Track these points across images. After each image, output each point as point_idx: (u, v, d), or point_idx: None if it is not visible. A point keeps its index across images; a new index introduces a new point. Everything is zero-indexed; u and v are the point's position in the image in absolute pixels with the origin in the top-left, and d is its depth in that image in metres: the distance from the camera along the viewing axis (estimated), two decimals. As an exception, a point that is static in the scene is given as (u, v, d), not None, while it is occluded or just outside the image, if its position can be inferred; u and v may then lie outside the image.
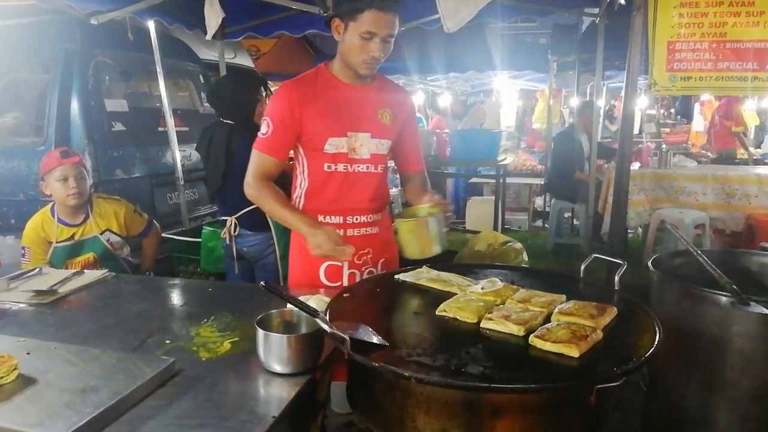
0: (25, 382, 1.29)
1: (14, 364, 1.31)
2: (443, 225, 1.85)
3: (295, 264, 2.12)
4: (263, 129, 1.94)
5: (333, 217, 2.01)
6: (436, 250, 1.82)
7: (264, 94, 3.04)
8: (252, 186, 1.94)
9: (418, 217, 1.86)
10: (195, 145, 3.15)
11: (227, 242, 2.99)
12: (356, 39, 1.78)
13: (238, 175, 2.92)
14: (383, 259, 2.10)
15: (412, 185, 2.19)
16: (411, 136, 2.11)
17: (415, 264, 1.93)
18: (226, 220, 2.98)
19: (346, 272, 2.03)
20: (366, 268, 2.07)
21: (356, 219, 2.02)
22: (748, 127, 8.10)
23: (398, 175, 4.65)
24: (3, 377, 1.27)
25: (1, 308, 1.91)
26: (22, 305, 1.93)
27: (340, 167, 1.95)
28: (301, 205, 2.04)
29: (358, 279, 2.03)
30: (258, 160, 1.95)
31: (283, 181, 2.09)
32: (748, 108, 8.30)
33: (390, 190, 4.27)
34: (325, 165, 1.95)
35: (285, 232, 3.04)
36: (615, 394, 1.30)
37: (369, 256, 2.06)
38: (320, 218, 1.99)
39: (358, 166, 1.96)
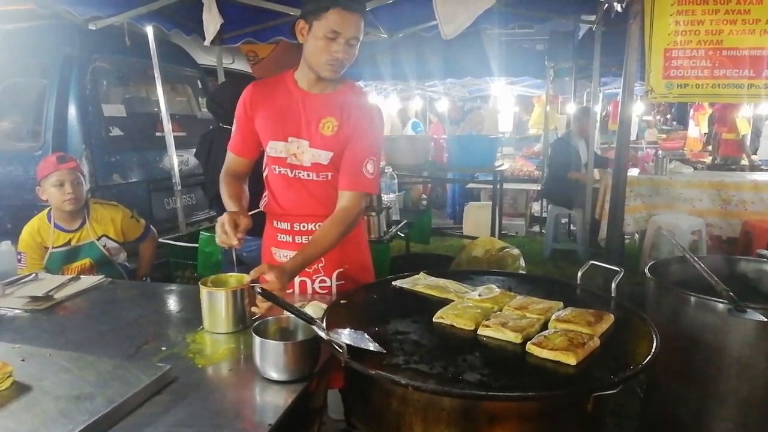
0: (20, 389, 1.28)
1: (9, 371, 1.30)
2: (247, 301, 1.71)
3: None
4: (233, 129, 2.04)
5: (281, 222, 2.02)
6: (222, 328, 1.68)
7: None
8: (220, 181, 2.01)
9: (212, 287, 1.72)
10: (192, 149, 3.15)
11: (227, 248, 2.98)
12: (320, 40, 1.74)
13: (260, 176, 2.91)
14: (340, 270, 2.02)
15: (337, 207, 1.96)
16: (352, 152, 1.91)
17: (412, 270, 1.93)
18: None
19: (296, 279, 1.98)
20: (317, 277, 2.01)
21: (303, 226, 1.98)
22: (740, 134, 8.14)
23: (395, 182, 4.64)
24: (-2, 384, 1.27)
25: (-3, 314, 1.90)
26: (17, 311, 1.92)
27: (283, 171, 1.95)
28: (264, 203, 2.09)
29: (308, 287, 2.02)
30: (227, 159, 2.05)
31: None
32: (741, 115, 8.34)
33: (387, 196, 4.29)
34: (271, 166, 1.98)
35: None
36: (612, 400, 1.30)
37: (320, 264, 1.98)
38: (273, 223, 2.05)
39: (300, 173, 1.93)
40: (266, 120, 1.93)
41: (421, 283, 1.84)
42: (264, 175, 2.05)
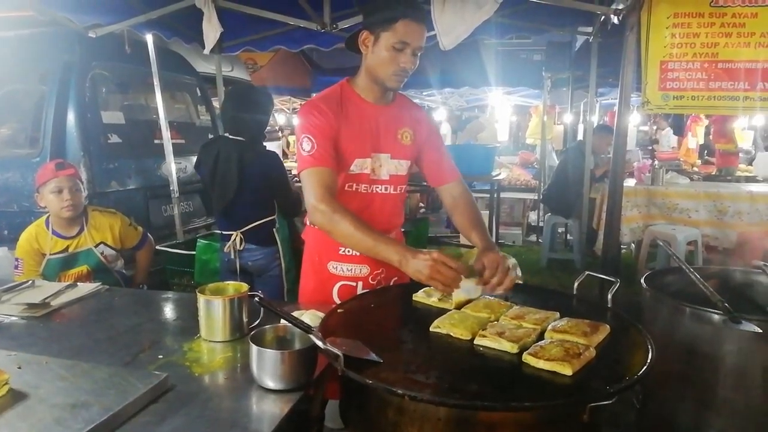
0: (16, 397, 1.28)
1: (5, 379, 1.29)
2: (244, 309, 1.70)
3: (308, 281, 2.07)
4: (306, 147, 1.78)
5: None
6: (219, 336, 1.68)
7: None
8: (320, 210, 1.72)
9: (209, 295, 1.72)
10: (191, 157, 3.14)
11: (231, 256, 2.99)
12: (387, 50, 1.74)
13: (249, 191, 2.93)
14: (396, 278, 2.03)
15: (453, 201, 2.05)
16: (436, 149, 2.04)
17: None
18: (228, 234, 2.98)
19: (359, 291, 1.98)
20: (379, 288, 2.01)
21: None
22: (737, 146, 8.19)
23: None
24: (-6, 392, 1.26)
25: (-7, 321, 1.90)
26: (14, 318, 1.92)
27: (362, 188, 1.91)
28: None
29: None
30: (316, 178, 1.75)
31: (278, 188, 2.09)
32: (737, 126, 8.39)
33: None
34: (346, 185, 1.90)
35: (291, 247, 3.05)
36: (608, 411, 1.30)
37: (382, 275, 2.02)
38: None
39: (377, 187, 1.93)
40: (351, 138, 1.85)
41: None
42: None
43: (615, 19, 3.24)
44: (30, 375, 1.38)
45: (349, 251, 1.96)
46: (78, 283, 2.31)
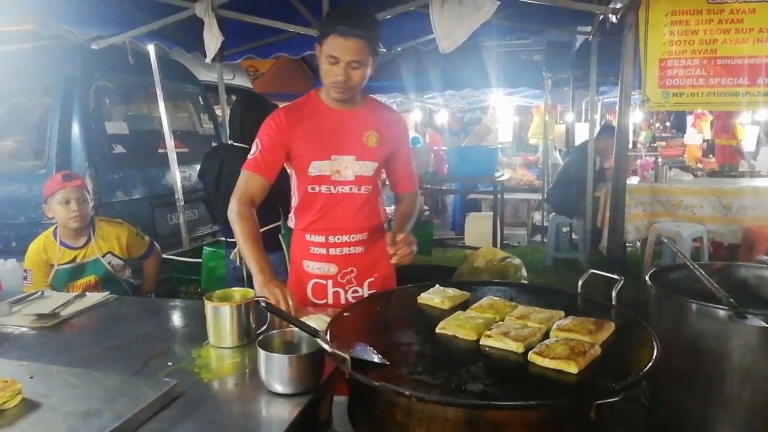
0: (29, 406, 1.29)
1: (18, 389, 1.31)
2: (251, 315, 1.73)
3: (289, 279, 2.19)
4: (252, 150, 1.99)
5: (315, 235, 2.06)
6: (228, 342, 1.70)
7: None
8: (233, 210, 1.95)
9: (216, 302, 1.73)
10: (195, 165, 3.16)
11: (237, 263, 3.00)
12: (324, 63, 1.86)
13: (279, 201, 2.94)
14: (371, 279, 2.11)
15: (398, 208, 2.21)
16: (401, 158, 2.11)
17: (414, 282, 1.95)
18: (234, 241, 2.99)
19: (330, 290, 2.07)
20: (350, 287, 2.08)
21: (338, 238, 2.05)
22: (738, 141, 8.17)
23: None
24: (7, 402, 1.28)
25: (4, 332, 1.91)
26: (24, 329, 1.94)
27: (323, 189, 2.00)
28: (293, 221, 2.12)
29: (342, 298, 2.07)
30: (246, 180, 1.98)
31: (283, 195, 2.13)
32: (739, 121, 8.38)
33: (389, 208, 4.32)
34: (309, 187, 2.01)
35: None
36: (616, 409, 1.31)
37: (353, 275, 2.08)
38: (306, 236, 2.08)
39: (342, 188, 2.00)
40: (307, 141, 1.96)
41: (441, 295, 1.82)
42: (293, 190, 2.09)
43: (613, 18, 3.25)
44: (42, 384, 1.40)
45: (318, 250, 2.06)
46: (87, 293, 2.33)
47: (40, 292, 2.30)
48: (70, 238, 2.80)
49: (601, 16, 4.11)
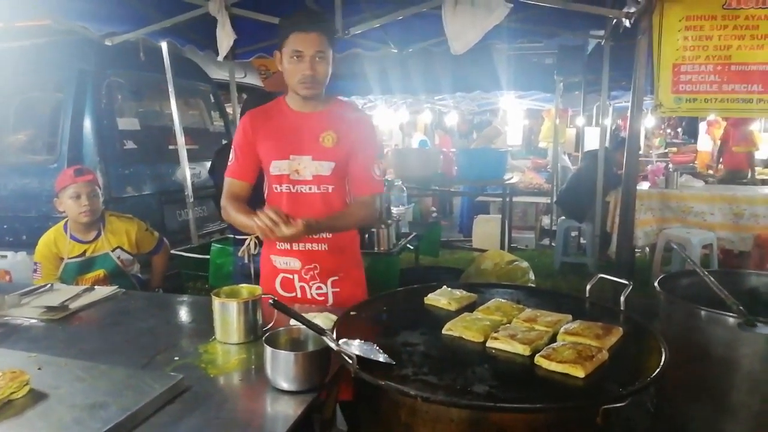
0: (36, 397, 1.31)
1: (26, 380, 1.33)
2: (258, 312, 1.75)
3: (262, 275, 2.27)
4: (230, 157, 2.14)
5: None
6: (234, 338, 1.71)
7: None
8: (222, 207, 2.11)
9: (224, 298, 1.74)
10: (205, 162, 3.18)
11: (245, 261, 3.01)
12: (288, 63, 1.95)
13: (263, 196, 2.98)
14: (334, 278, 2.13)
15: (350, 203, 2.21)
16: (359, 159, 2.09)
17: (421, 283, 1.95)
18: (243, 238, 3.00)
19: (297, 284, 2.14)
20: (314, 283, 2.13)
21: None
22: (758, 148, 8.10)
23: (405, 194, 4.67)
24: (15, 392, 1.29)
25: (13, 324, 1.93)
26: (33, 321, 1.96)
27: (284, 188, 2.07)
28: None
29: (308, 292, 2.13)
30: (228, 185, 2.13)
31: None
32: (753, 129, 8.31)
33: (397, 209, 4.32)
34: (273, 186, 2.10)
35: None
36: (623, 415, 1.30)
37: (316, 271, 2.12)
38: None
39: (301, 187, 2.06)
40: (268, 142, 2.07)
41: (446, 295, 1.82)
42: (265, 194, 2.17)
43: (627, 23, 3.23)
44: (49, 376, 1.41)
45: (283, 245, 2.11)
46: (95, 287, 2.35)
47: (49, 285, 2.33)
48: (80, 232, 2.82)
49: (615, 20, 4.09)
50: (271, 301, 1.47)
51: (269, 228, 1.75)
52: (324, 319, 1.70)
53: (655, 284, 2.43)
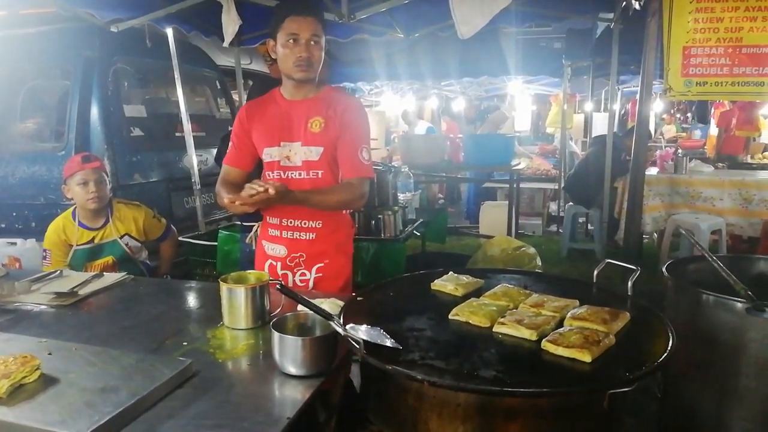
0: (47, 381, 1.32)
1: (37, 364, 1.34)
2: (265, 297, 1.75)
3: (256, 259, 2.34)
4: (229, 145, 2.23)
5: (273, 218, 2.20)
6: (242, 324, 1.71)
7: None
8: (216, 192, 2.16)
9: (232, 284, 1.75)
10: (211, 149, 3.17)
11: (252, 247, 3.02)
12: (283, 47, 1.99)
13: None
14: (320, 265, 2.16)
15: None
16: (345, 142, 2.10)
17: (427, 269, 1.95)
18: (249, 225, 3.01)
19: (279, 271, 2.18)
20: (298, 270, 2.17)
21: (291, 222, 2.16)
22: (761, 133, 7.99)
23: (412, 181, 4.64)
24: (26, 377, 1.31)
25: (24, 310, 1.96)
26: (43, 307, 1.98)
27: (275, 174, 2.13)
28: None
29: (290, 279, 2.17)
30: (225, 172, 2.22)
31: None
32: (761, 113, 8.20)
33: (403, 195, 4.31)
34: (267, 172, 2.15)
35: None
36: (629, 399, 1.30)
37: (302, 259, 2.16)
38: (267, 218, 2.23)
39: (292, 173, 2.11)
40: (260, 131, 2.14)
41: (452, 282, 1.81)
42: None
43: (636, 5, 3.20)
44: (60, 361, 1.42)
45: (273, 232, 2.19)
46: (104, 273, 2.37)
47: (58, 272, 2.35)
48: (88, 219, 2.84)
49: (624, 3, 4.04)
50: (278, 286, 1.47)
51: (249, 195, 1.80)
52: (331, 305, 1.70)
53: (663, 269, 2.41)
